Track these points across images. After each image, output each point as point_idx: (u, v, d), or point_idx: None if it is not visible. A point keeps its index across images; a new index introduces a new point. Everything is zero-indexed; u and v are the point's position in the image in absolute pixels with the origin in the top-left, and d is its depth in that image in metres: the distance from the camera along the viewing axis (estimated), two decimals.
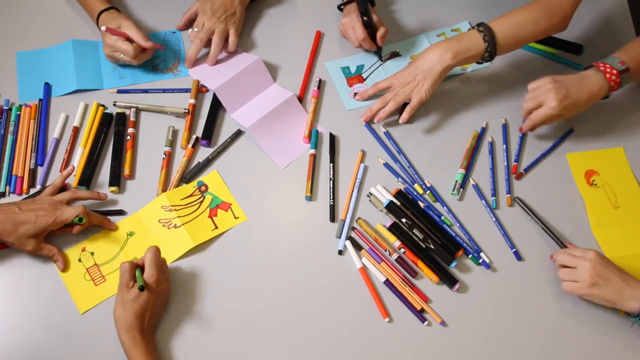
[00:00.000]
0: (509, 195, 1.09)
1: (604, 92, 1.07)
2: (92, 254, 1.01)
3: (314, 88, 1.18)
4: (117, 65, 1.18)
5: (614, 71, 1.06)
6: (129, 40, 1.14)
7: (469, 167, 1.12)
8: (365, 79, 1.21)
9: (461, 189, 1.09)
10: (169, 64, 1.21)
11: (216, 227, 1.03)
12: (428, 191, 1.09)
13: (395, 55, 1.23)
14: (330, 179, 1.09)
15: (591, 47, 1.26)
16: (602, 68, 1.06)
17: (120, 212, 1.05)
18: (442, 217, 1.06)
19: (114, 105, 1.14)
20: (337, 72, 1.22)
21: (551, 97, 1.05)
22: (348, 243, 1.03)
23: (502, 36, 1.09)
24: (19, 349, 0.93)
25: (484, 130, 1.16)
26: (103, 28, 1.13)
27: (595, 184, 1.11)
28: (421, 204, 1.07)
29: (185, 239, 1.01)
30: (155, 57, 1.21)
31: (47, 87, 1.15)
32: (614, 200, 1.10)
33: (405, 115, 1.13)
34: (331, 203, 1.06)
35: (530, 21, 1.10)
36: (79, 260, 1.00)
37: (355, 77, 1.22)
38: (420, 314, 0.97)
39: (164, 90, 1.16)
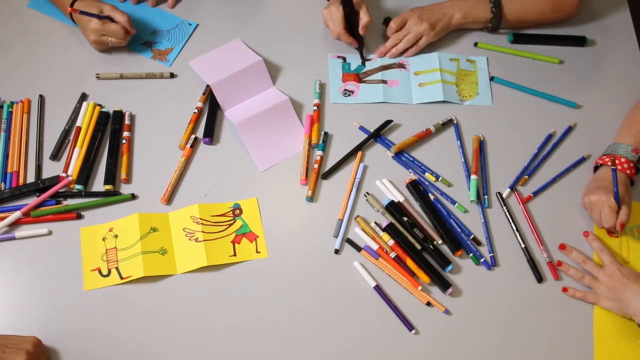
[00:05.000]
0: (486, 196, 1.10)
1: (628, 180, 1.06)
2: (116, 236, 1.01)
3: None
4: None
5: (631, 165, 1.05)
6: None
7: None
8: (361, 80, 1.20)
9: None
10: (161, 48, 1.22)
11: (235, 255, 1.02)
12: (440, 177, 1.09)
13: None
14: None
15: (592, 37, 1.27)
16: (619, 167, 1.04)
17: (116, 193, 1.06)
18: (457, 205, 1.07)
19: (97, 77, 1.16)
20: (337, 65, 1.21)
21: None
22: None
23: (509, 12, 1.22)
24: (20, 315, 0.96)
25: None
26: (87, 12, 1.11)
27: (614, 233, 1.07)
28: (430, 197, 1.08)
29: (201, 255, 1.00)
30: (156, 35, 1.22)
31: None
32: (626, 255, 1.05)
33: (410, 52, 1.22)
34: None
35: (536, 11, 1.23)
36: (103, 239, 1.01)
37: (352, 74, 1.21)
38: (408, 323, 0.97)
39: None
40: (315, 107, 1.16)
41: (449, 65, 1.22)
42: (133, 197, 1.06)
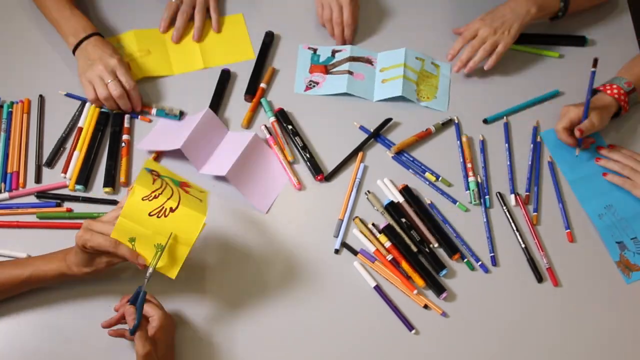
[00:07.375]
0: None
1: (614, 109, 1.10)
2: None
3: (267, 136, 1.13)
4: None
5: (622, 92, 1.09)
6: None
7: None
8: (328, 72, 1.19)
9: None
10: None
11: (201, 201, 0.91)
12: (440, 177, 1.10)
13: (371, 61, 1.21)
14: None
15: (592, 37, 1.27)
16: (608, 91, 1.10)
17: (114, 202, 1.05)
18: (457, 204, 1.07)
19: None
20: (306, 57, 1.21)
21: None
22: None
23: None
24: None
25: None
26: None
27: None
28: (427, 200, 1.08)
29: (192, 215, 0.87)
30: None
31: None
32: None
33: (491, 62, 1.16)
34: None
35: None
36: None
37: (320, 66, 1.20)
38: (408, 323, 0.98)
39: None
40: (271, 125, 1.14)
41: (413, 63, 1.20)
42: None
